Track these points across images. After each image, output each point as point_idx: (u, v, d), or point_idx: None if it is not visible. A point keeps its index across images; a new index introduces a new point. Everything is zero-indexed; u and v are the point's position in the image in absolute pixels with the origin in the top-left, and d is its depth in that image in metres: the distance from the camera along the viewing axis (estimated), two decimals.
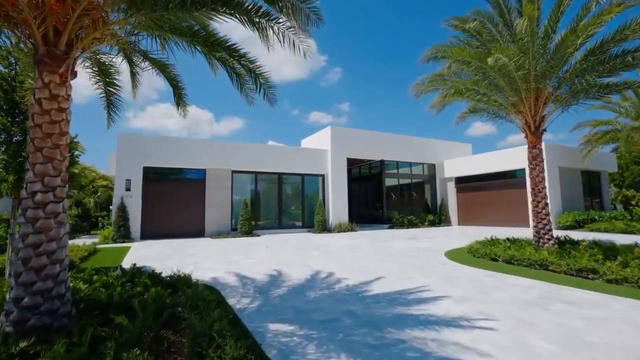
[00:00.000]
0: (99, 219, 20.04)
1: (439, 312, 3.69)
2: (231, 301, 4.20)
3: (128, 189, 13.66)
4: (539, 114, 8.04)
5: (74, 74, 3.10)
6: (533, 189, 8.15)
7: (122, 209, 13.12)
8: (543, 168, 8.10)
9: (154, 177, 14.37)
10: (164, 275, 4.71)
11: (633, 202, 30.47)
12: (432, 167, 21.19)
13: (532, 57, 7.04)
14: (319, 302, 4.16)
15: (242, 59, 4.31)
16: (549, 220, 7.87)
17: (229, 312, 3.17)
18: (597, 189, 20.39)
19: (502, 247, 7.74)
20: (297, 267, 6.74)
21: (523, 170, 17.24)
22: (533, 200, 8.13)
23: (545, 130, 8.25)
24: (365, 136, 18.71)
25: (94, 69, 4.65)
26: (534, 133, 8.17)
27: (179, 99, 5.46)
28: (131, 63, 4.92)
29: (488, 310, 3.76)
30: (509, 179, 18.31)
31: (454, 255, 8.17)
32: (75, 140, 5.86)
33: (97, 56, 4.46)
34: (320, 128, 19.84)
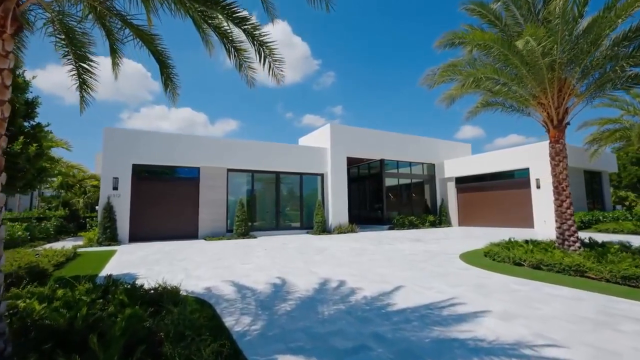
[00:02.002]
0: (87, 220, 19.07)
1: (488, 334, 2.98)
2: (228, 321, 3.43)
3: (115, 188, 12.75)
4: (562, 106, 7.41)
5: (18, 26, 2.33)
6: (556, 187, 7.51)
7: (109, 210, 12.22)
8: (566, 165, 7.47)
9: (144, 176, 13.49)
10: (146, 287, 3.92)
11: (626, 203, 30.50)
12: (431, 167, 20.67)
13: (560, 42, 6.41)
14: (336, 321, 3.42)
15: (244, 24, 3.54)
16: (573, 221, 7.23)
17: (225, 344, 2.41)
18: (599, 189, 20.12)
19: (524, 250, 7.08)
20: (301, 274, 5.98)
21: (526, 170, 16.81)
22: (556, 200, 7.49)
23: (569, 123, 7.64)
24: (365, 135, 18.07)
25: (59, 36, 3.84)
26: (557, 127, 7.55)
27: (167, 78, 4.67)
28: (109, 33, 4.12)
29: (546, 331, 3.05)
30: (510, 178, 17.89)
31: (471, 259, 7.49)
32: (46, 129, 5.03)
33: (63, 18, 3.66)
34: (313, 131, 19.26)
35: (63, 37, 3.82)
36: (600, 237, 10.13)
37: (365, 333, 3.07)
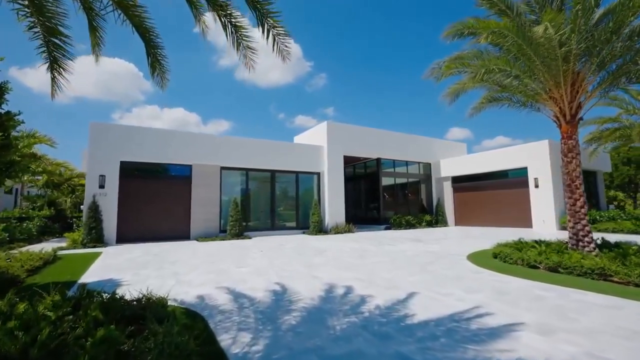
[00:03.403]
0: (74, 220, 18.28)
1: (534, 355, 2.53)
2: (224, 339, 2.92)
3: (102, 186, 12.06)
4: (576, 100, 7.07)
5: None
6: (569, 185, 7.17)
7: (95, 209, 11.53)
8: (580, 162, 7.13)
9: (133, 174, 12.81)
10: (128, 297, 3.38)
11: (615, 203, 30.87)
12: (427, 166, 20.42)
13: (578, 31, 6.05)
14: (351, 338, 2.93)
15: None
16: (587, 221, 6.90)
17: None
18: (594, 189, 20.12)
19: (537, 252, 6.72)
20: (303, 279, 5.49)
21: (524, 169, 16.61)
22: (569, 198, 7.14)
23: (581, 118, 7.30)
24: (361, 133, 17.67)
25: (21, 2, 3.25)
26: (570, 122, 7.20)
27: (155, 60, 4.11)
28: (84, 3, 3.55)
29: (599, 349, 2.62)
30: (508, 178, 17.70)
31: (480, 260, 7.10)
32: (16, 117, 4.43)
33: None
34: (305, 131, 18.91)
35: (26, 2, 3.23)
36: (604, 237, 9.86)
37: (389, 355, 2.59)
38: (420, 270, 6.07)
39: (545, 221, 15.53)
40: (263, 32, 3.43)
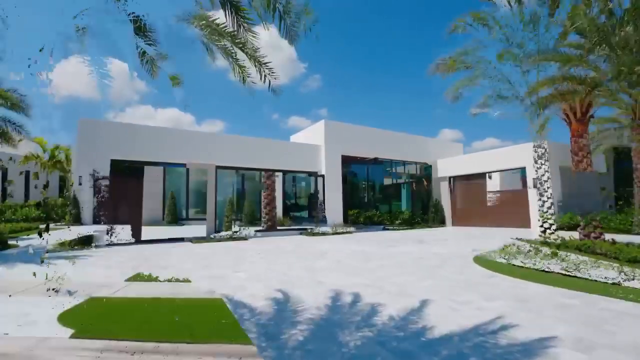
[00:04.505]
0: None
1: None
2: None
3: (92, 185, 11.55)
4: (587, 97, 6.84)
5: None
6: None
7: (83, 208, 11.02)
8: (591, 161, 6.91)
9: (125, 172, 12.30)
10: None
11: None
12: (425, 166, 20.20)
13: (592, 24, 5.79)
14: (370, 358, 2.58)
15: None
16: (598, 222, 6.66)
17: None
18: None
19: (548, 254, 6.46)
20: (306, 285, 5.13)
21: (522, 169, 16.46)
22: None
23: (592, 116, 7.08)
24: (359, 132, 17.38)
25: None
26: (580, 120, 6.98)
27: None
28: None
29: None
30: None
31: (489, 263, 6.80)
32: None
33: None
34: (298, 132, 18.67)
35: None
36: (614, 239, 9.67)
37: None
38: (429, 275, 5.76)
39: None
40: (268, 6, 3.04)
